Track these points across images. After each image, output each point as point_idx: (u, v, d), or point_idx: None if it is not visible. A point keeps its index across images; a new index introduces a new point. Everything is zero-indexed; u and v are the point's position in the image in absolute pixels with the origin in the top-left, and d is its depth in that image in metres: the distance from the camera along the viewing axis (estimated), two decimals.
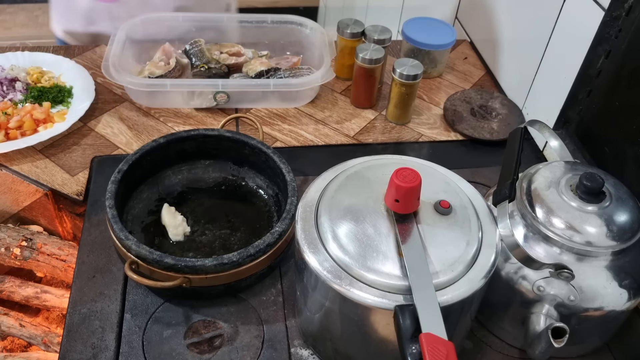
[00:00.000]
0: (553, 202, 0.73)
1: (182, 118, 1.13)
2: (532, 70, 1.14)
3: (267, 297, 0.84)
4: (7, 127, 1.04)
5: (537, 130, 0.83)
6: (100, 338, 0.78)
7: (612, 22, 0.92)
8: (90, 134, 1.09)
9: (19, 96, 1.13)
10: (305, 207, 0.70)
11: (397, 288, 0.62)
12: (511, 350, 0.81)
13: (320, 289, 0.66)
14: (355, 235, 0.65)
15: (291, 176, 0.88)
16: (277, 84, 1.10)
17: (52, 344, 0.97)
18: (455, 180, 0.75)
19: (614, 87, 0.95)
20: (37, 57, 1.22)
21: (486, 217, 0.70)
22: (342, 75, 1.25)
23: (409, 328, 0.58)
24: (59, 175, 1.01)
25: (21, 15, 3.24)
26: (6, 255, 1.00)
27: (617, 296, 0.72)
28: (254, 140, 0.94)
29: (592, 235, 0.70)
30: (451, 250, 0.65)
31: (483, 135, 1.12)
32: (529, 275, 0.73)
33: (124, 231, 0.79)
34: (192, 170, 0.98)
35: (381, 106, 1.20)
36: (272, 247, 0.80)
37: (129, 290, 0.83)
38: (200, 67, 1.16)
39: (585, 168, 0.78)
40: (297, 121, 1.15)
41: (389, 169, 0.65)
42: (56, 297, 1.02)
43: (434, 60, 1.25)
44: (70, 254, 1.00)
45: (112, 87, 1.19)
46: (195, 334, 0.79)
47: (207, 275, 0.77)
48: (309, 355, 0.78)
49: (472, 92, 1.23)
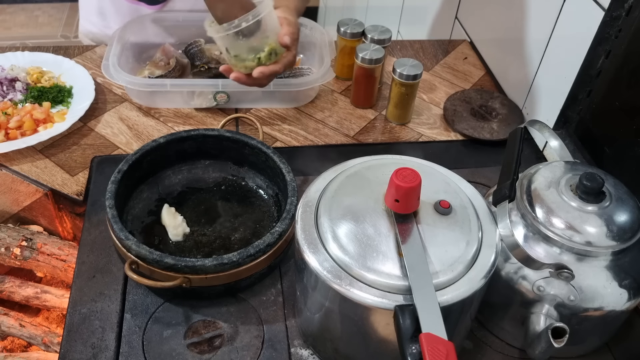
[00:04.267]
0: (553, 202, 0.73)
1: (182, 118, 1.13)
2: (532, 70, 1.14)
3: (267, 297, 0.84)
4: (7, 127, 1.04)
5: (537, 130, 0.83)
6: (100, 338, 0.78)
7: (612, 22, 0.92)
8: (90, 134, 1.09)
9: (19, 96, 1.13)
10: (305, 207, 0.70)
11: (397, 288, 0.62)
12: (511, 350, 0.81)
13: (320, 289, 0.66)
14: (355, 235, 0.65)
15: (291, 176, 0.88)
16: (277, 84, 1.10)
17: (52, 344, 0.97)
18: (455, 180, 0.75)
19: (614, 87, 0.95)
20: (37, 57, 1.22)
21: (486, 217, 0.70)
22: (342, 75, 1.25)
23: (409, 328, 0.58)
24: (59, 175, 1.01)
25: (21, 15, 3.25)
26: (6, 255, 1.00)
27: (617, 296, 0.72)
28: (254, 140, 0.94)
29: (592, 235, 0.70)
30: (451, 250, 0.65)
31: (483, 135, 1.12)
32: (529, 275, 0.73)
33: (124, 231, 0.79)
34: (192, 170, 0.98)
35: (381, 106, 1.20)
36: (272, 247, 0.80)
37: (129, 290, 0.83)
38: (200, 67, 1.16)
39: (585, 168, 0.78)
40: (297, 121, 1.15)
41: (389, 169, 0.65)
42: (56, 297, 1.02)
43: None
44: (70, 254, 1.00)
45: (112, 87, 1.19)
46: (195, 334, 0.79)
47: (207, 275, 0.77)
48: (309, 355, 0.78)
49: (472, 92, 1.23)
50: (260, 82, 0.97)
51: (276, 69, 0.94)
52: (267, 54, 0.93)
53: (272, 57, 0.94)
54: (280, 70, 0.95)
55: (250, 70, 0.94)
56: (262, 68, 0.93)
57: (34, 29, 3.15)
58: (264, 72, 0.94)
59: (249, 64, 0.94)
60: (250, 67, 0.94)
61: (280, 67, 0.95)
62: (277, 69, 0.95)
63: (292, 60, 0.97)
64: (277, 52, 0.94)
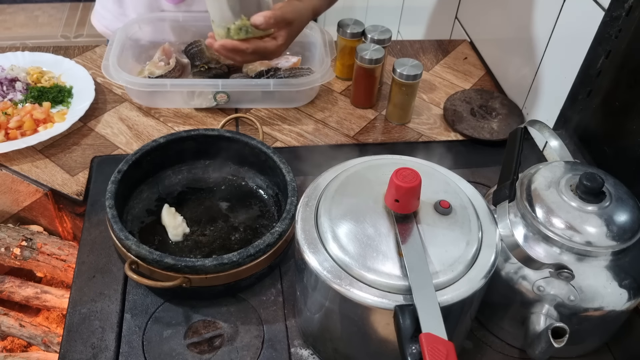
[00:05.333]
0: (553, 202, 0.73)
1: (182, 118, 1.13)
2: (532, 70, 1.14)
3: (267, 297, 0.84)
4: (7, 127, 1.04)
5: (537, 130, 0.83)
6: (100, 338, 0.78)
7: (612, 22, 0.92)
8: (90, 134, 1.09)
9: (19, 96, 1.13)
10: (305, 207, 0.70)
11: (397, 288, 0.62)
12: (511, 350, 0.81)
13: (320, 289, 0.66)
14: (355, 235, 0.65)
15: (291, 176, 0.88)
16: (277, 84, 1.10)
17: (52, 344, 0.97)
18: (455, 180, 0.75)
19: (614, 87, 0.95)
20: (37, 57, 1.22)
21: (486, 217, 0.70)
22: (342, 75, 1.25)
23: (409, 328, 0.58)
24: (59, 175, 1.01)
25: (21, 15, 3.25)
26: (6, 255, 1.00)
27: (617, 296, 0.72)
28: (254, 140, 0.94)
29: (592, 235, 0.70)
30: (451, 250, 0.65)
31: (483, 135, 1.12)
32: (529, 275, 0.73)
33: (124, 231, 0.79)
34: (192, 170, 0.98)
35: (381, 106, 1.20)
36: (272, 247, 0.80)
37: (129, 290, 0.83)
38: (200, 67, 1.16)
39: (585, 168, 0.78)
40: (297, 121, 1.15)
41: (389, 169, 0.65)
42: (56, 297, 1.02)
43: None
44: (70, 254, 1.00)
45: (112, 87, 1.19)
46: (195, 334, 0.79)
47: (207, 275, 0.77)
48: (309, 355, 0.78)
49: (472, 92, 1.23)
50: (231, 56, 0.93)
51: (241, 47, 0.90)
52: (236, 27, 0.90)
53: (242, 33, 0.90)
54: (247, 50, 0.91)
55: (221, 39, 0.91)
56: (224, 41, 0.90)
57: (34, 29, 3.15)
58: (225, 45, 0.90)
59: (220, 31, 0.91)
60: (221, 36, 0.91)
61: (247, 47, 0.90)
62: (242, 48, 0.90)
63: (270, 49, 0.93)
64: (248, 30, 0.90)
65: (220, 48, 0.91)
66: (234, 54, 0.93)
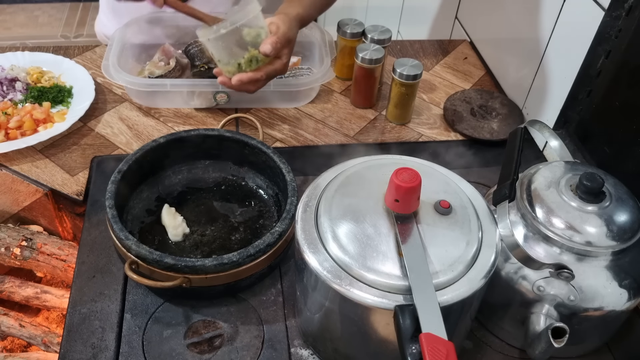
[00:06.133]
0: (553, 202, 0.73)
1: (182, 118, 1.13)
2: (532, 70, 1.14)
3: (267, 297, 0.84)
4: (7, 127, 1.04)
5: (537, 130, 0.83)
6: (100, 338, 0.78)
7: (612, 22, 0.92)
8: (90, 134, 1.09)
9: (19, 96, 1.13)
10: (305, 207, 0.70)
11: (397, 288, 0.62)
12: (511, 350, 0.81)
13: (320, 289, 0.66)
14: (355, 235, 0.65)
15: (291, 176, 0.88)
16: (277, 84, 1.10)
17: (52, 344, 0.97)
18: (455, 180, 0.75)
19: (614, 87, 0.95)
20: (37, 57, 1.22)
21: (486, 217, 0.70)
22: (342, 75, 1.25)
23: (409, 328, 0.58)
24: (59, 175, 1.01)
25: (21, 15, 3.25)
26: (6, 255, 1.00)
27: (617, 296, 0.72)
28: (254, 140, 0.94)
29: (592, 235, 0.70)
30: (451, 250, 0.65)
31: (483, 135, 1.12)
32: (529, 275, 0.73)
33: (124, 231, 0.79)
34: (192, 170, 0.98)
35: (381, 106, 1.20)
36: (272, 247, 0.80)
37: (129, 290, 0.83)
38: (200, 67, 1.16)
39: (585, 168, 0.78)
40: (297, 121, 1.15)
41: (389, 169, 0.65)
42: (56, 297, 1.02)
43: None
44: (70, 254, 1.00)
45: (112, 87, 1.19)
46: (195, 334, 0.79)
47: (207, 275, 0.77)
48: (309, 355, 0.78)
49: (472, 92, 1.23)
50: (246, 88, 0.95)
51: (256, 76, 0.93)
52: (247, 60, 0.92)
53: (254, 64, 0.93)
54: (262, 77, 0.94)
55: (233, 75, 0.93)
56: (240, 75, 0.92)
57: (34, 29, 3.15)
58: (242, 79, 0.92)
59: (230, 69, 0.93)
60: (232, 72, 0.93)
61: (261, 75, 0.93)
62: (257, 77, 0.93)
63: (279, 69, 0.96)
64: (258, 59, 0.93)
65: (238, 83, 0.93)
66: (249, 85, 0.96)
